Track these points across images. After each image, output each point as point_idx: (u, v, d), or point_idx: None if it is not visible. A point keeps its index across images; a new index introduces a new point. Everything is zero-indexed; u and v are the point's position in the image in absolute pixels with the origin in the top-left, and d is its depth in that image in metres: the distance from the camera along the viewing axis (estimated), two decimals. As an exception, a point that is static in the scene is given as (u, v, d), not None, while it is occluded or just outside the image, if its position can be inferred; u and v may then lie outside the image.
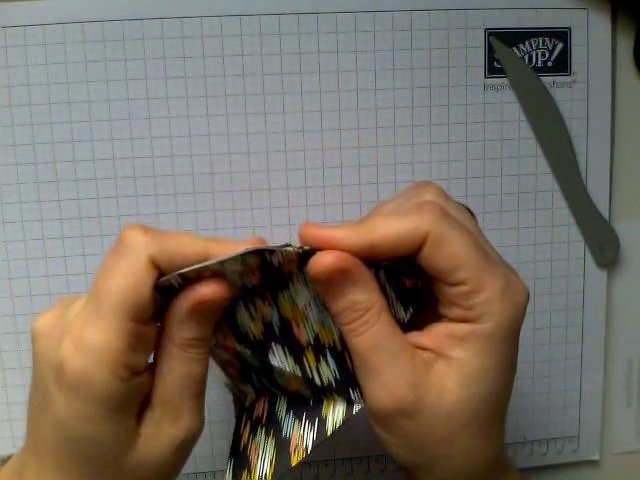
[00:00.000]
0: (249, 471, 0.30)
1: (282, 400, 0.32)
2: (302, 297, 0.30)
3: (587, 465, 0.52)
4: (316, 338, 0.30)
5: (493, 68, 0.46)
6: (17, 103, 0.43)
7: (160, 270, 0.27)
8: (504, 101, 0.47)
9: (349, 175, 0.46)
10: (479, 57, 0.46)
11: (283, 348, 0.30)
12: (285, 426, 0.31)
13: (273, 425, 0.31)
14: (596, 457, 0.52)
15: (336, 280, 0.28)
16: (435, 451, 0.29)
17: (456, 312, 0.29)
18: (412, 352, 0.29)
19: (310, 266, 0.28)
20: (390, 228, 0.28)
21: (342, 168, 0.46)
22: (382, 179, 0.46)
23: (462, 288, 0.28)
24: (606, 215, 0.48)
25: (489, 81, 0.46)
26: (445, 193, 0.32)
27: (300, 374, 0.30)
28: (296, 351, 0.30)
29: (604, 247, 0.48)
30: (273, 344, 0.30)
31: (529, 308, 0.48)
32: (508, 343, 0.29)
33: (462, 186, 0.47)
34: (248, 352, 0.30)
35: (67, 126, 0.43)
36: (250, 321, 0.30)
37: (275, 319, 0.30)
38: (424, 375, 0.29)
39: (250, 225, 0.46)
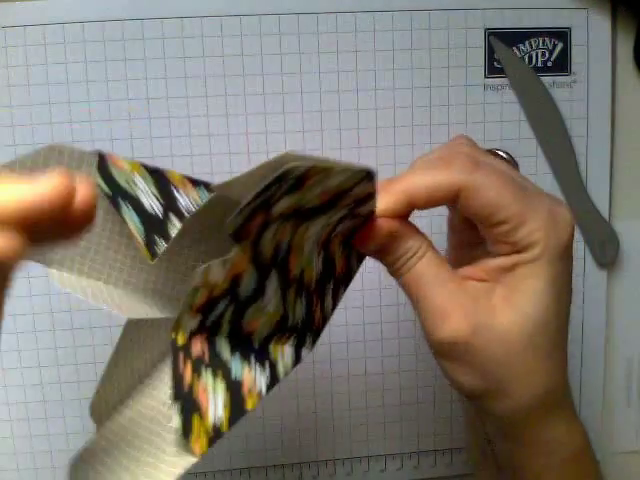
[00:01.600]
0: (200, 416, 0.28)
1: (223, 341, 0.30)
2: (313, 231, 0.30)
3: None
4: (301, 274, 0.30)
5: (493, 68, 0.46)
6: (17, 103, 0.43)
7: None
8: (504, 101, 0.47)
9: (349, 175, 0.46)
10: (479, 57, 0.46)
11: (278, 277, 0.29)
12: (233, 368, 0.29)
13: (219, 366, 0.29)
14: (596, 457, 0.52)
15: (384, 246, 0.31)
16: (496, 375, 0.31)
17: (503, 247, 0.30)
18: (462, 280, 0.31)
19: (357, 244, 0.31)
20: (423, 182, 0.30)
21: (342, 168, 0.46)
22: (382, 179, 0.46)
23: (504, 227, 0.30)
24: (606, 215, 0.48)
25: (489, 81, 0.46)
26: (475, 143, 0.32)
27: (281, 309, 0.30)
28: (285, 284, 0.30)
29: (604, 247, 0.48)
30: (273, 271, 0.29)
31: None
32: (556, 268, 0.30)
33: (462, 186, 0.47)
34: (252, 274, 0.29)
35: (67, 126, 0.43)
36: (269, 241, 0.29)
37: (285, 245, 0.29)
38: (476, 301, 0.30)
39: (250, 225, 0.46)
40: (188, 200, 0.30)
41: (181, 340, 0.29)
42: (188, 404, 0.28)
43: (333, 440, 0.49)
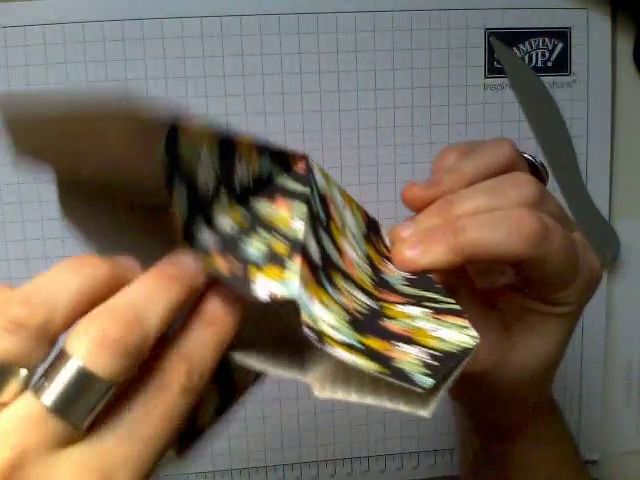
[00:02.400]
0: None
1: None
2: (348, 225, 0.28)
3: (587, 465, 0.52)
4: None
5: (493, 68, 0.46)
6: (17, 103, 0.43)
7: None
8: (504, 101, 0.47)
9: (349, 175, 0.46)
10: (479, 57, 0.46)
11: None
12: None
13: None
14: (596, 457, 0.52)
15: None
16: (499, 401, 0.32)
17: (532, 293, 0.30)
18: (488, 310, 0.30)
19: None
20: (491, 248, 0.26)
21: (342, 168, 0.46)
22: (382, 179, 0.46)
23: (551, 288, 0.29)
24: (606, 215, 0.48)
25: (489, 81, 0.46)
26: (542, 191, 0.28)
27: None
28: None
29: (604, 247, 0.48)
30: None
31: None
32: (575, 318, 0.31)
33: (462, 186, 0.47)
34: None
35: (67, 126, 0.43)
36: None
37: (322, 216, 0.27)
38: (498, 335, 0.30)
39: (250, 225, 0.46)
40: (246, 172, 0.27)
41: None
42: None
43: (333, 440, 0.49)
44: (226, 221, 0.26)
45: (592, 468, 0.52)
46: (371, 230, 0.30)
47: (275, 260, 0.23)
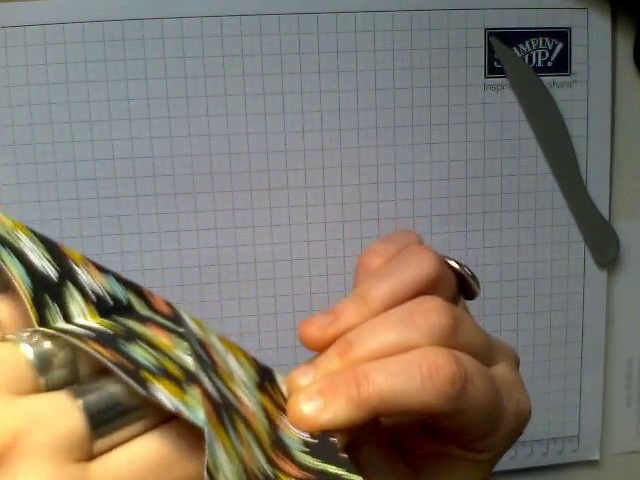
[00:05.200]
0: None
1: None
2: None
3: (587, 465, 0.52)
4: None
5: (493, 68, 0.46)
6: (17, 103, 0.43)
7: None
8: (504, 101, 0.47)
9: (349, 175, 0.46)
10: (479, 57, 0.46)
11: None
12: None
13: None
14: (596, 457, 0.52)
15: None
16: None
17: (454, 440, 0.26)
18: (398, 459, 0.27)
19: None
20: (401, 404, 0.22)
21: (342, 168, 0.46)
22: (382, 179, 0.46)
23: (469, 437, 0.26)
24: (606, 215, 0.48)
25: (489, 81, 0.46)
26: (457, 318, 0.24)
27: None
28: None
29: (604, 247, 0.48)
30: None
31: (529, 308, 0.49)
32: (494, 464, 0.28)
33: (462, 186, 0.47)
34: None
35: (67, 126, 0.43)
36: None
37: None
38: None
39: (250, 225, 0.46)
40: (92, 281, 0.23)
41: None
42: None
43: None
44: (91, 323, 0.21)
45: (592, 468, 0.52)
46: (265, 378, 0.26)
47: (171, 378, 0.20)
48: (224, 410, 0.21)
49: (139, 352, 0.20)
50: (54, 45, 0.43)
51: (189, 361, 0.21)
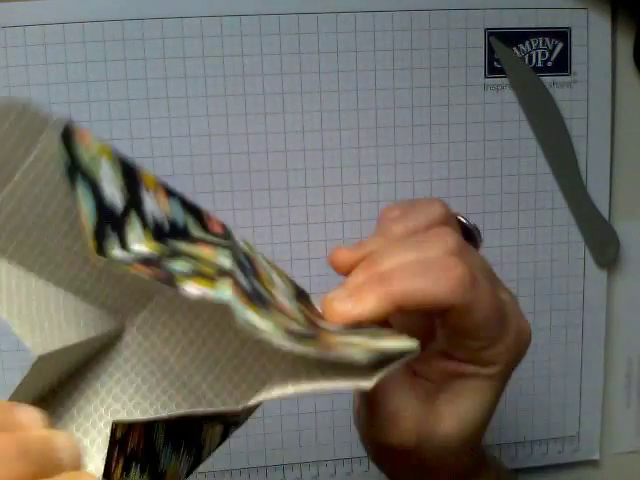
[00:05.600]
0: None
1: (160, 429, 0.27)
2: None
3: (587, 465, 0.52)
4: None
5: (493, 68, 0.46)
6: (17, 103, 0.43)
7: None
8: (504, 101, 0.47)
9: (349, 175, 0.46)
10: (479, 57, 0.46)
11: None
12: (162, 460, 0.27)
13: (149, 459, 0.26)
14: (596, 457, 0.52)
15: None
16: (430, 468, 0.31)
17: (460, 355, 0.29)
18: (412, 380, 0.30)
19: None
20: (419, 295, 0.26)
21: (342, 168, 0.46)
22: (382, 179, 0.46)
23: (477, 344, 0.28)
24: (606, 215, 0.48)
25: (489, 81, 0.46)
26: (461, 242, 0.28)
27: None
28: None
29: (604, 247, 0.48)
30: None
31: (529, 308, 0.49)
32: (505, 380, 0.30)
33: (462, 186, 0.47)
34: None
35: (67, 126, 0.43)
36: None
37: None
38: (423, 405, 0.29)
39: (250, 225, 0.46)
40: (157, 207, 0.26)
41: (119, 433, 0.24)
42: None
43: (333, 440, 0.49)
44: (143, 248, 0.25)
45: (592, 468, 0.52)
46: (302, 297, 0.29)
47: (204, 276, 0.23)
48: (256, 299, 0.23)
49: (179, 264, 0.24)
50: (54, 45, 0.43)
51: (227, 263, 0.24)
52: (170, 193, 0.27)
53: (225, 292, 0.22)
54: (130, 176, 0.26)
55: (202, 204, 0.45)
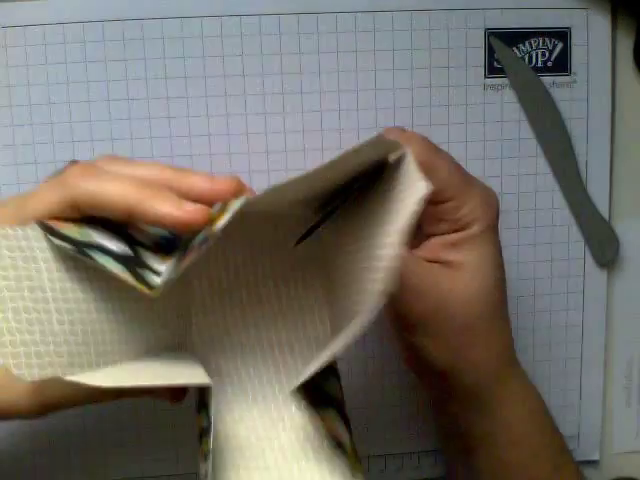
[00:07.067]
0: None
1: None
2: None
3: (587, 465, 0.52)
4: None
5: (493, 68, 0.46)
6: (17, 103, 0.43)
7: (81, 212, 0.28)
8: (504, 101, 0.47)
9: (349, 175, 0.46)
10: (479, 57, 0.46)
11: None
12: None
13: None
14: (596, 457, 0.52)
15: None
16: (462, 341, 0.35)
17: (444, 227, 0.35)
18: (416, 260, 0.35)
19: None
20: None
21: (342, 168, 0.46)
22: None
23: (449, 204, 0.34)
24: (606, 215, 0.48)
25: (489, 81, 0.46)
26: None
27: None
28: None
29: (604, 247, 0.48)
30: None
31: (529, 308, 0.49)
32: (492, 239, 0.36)
33: (462, 186, 0.47)
34: None
35: (67, 126, 0.43)
36: None
37: None
38: (437, 279, 0.34)
39: (250, 225, 0.46)
40: (144, 234, 0.31)
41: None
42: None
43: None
44: (166, 264, 0.30)
45: (592, 468, 0.52)
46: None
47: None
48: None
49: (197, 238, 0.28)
50: (54, 45, 0.43)
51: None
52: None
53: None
54: (109, 227, 0.29)
55: (202, 204, 0.45)
